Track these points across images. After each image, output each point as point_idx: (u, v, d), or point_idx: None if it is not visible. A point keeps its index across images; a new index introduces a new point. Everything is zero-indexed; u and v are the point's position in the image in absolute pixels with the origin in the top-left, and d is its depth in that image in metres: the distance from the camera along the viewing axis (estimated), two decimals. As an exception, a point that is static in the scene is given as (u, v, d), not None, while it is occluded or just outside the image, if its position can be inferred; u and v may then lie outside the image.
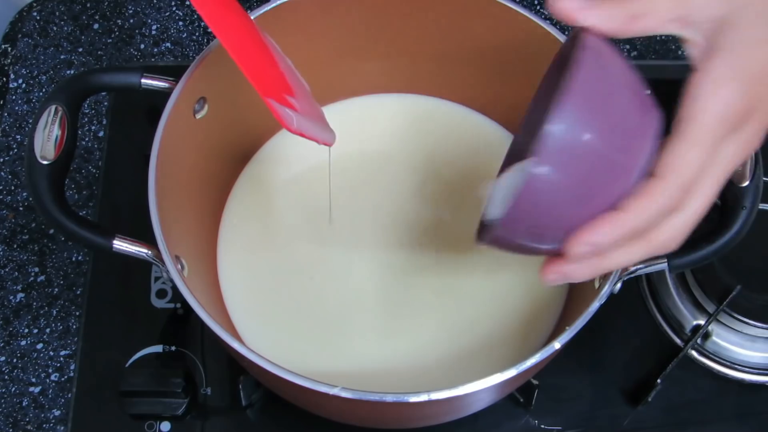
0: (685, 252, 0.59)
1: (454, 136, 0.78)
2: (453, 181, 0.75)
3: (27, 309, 0.76)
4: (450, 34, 0.72)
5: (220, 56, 0.65)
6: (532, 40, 0.67)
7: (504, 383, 0.55)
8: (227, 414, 0.72)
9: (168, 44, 0.89)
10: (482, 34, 0.71)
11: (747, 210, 0.58)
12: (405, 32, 0.73)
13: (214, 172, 0.73)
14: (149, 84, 0.63)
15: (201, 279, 0.68)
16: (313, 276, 0.71)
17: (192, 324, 0.74)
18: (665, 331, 0.75)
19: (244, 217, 0.74)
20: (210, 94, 0.66)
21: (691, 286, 0.74)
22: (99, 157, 0.83)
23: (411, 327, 0.69)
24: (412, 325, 0.69)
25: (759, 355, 0.73)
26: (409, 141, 0.77)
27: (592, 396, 0.73)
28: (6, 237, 0.79)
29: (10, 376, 0.74)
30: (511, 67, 0.72)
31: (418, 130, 0.78)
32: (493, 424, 0.72)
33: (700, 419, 0.73)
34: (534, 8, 0.91)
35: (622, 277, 0.58)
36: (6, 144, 0.84)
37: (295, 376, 0.53)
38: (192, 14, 0.91)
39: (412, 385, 0.66)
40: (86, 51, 0.89)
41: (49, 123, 0.59)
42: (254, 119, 0.75)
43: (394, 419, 0.66)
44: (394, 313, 0.69)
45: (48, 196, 0.58)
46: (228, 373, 0.72)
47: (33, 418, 0.72)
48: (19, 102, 0.86)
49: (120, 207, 0.80)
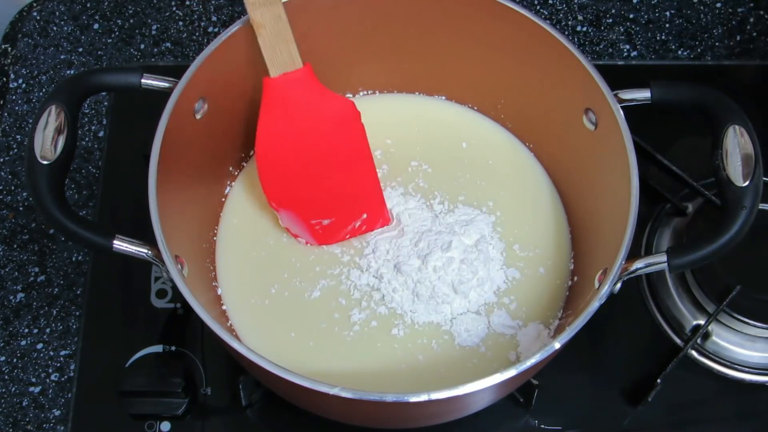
0: (685, 252, 0.59)
1: (453, 135, 0.78)
2: (453, 179, 0.75)
3: (27, 309, 0.76)
4: (450, 34, 0.72)
5: (220, 56, 0.65)
6: (531, 40, 0.67)
7: (504, 383, 0.55)
8: (227, 414, 0.72)
9: (168, 44, 0.89)
10: (482, 34, 0.71)
11: (747, 210, 0.58)
12: (406, 32, 0.73)
13: (214, 172, 0.73)
14: (149, 84, 0.63)
15: (201, 279, 0.68)
16: (312, 275, 0.71)
17: (192, 324, 0.74)
18: (665, 331, 0.75)
19: (243, 217, 0.74)
20: (210, 94, 0.66)
21: (691, 286, 0.74)
22: (99, 157, 0.83)
23: (411, 326, 0.69)
24: (412, 324, 0.69)
25: (759, 355, 0.73)
26: (409, 140, 0.77)
27: (592, 396, 0.73)
28: (6, 237, 0.79)
29: (10, 376, 0.74)
30: (511, 67, 0.72)
31: (418, 129, 0.78)
32: (493, 424, 0.72)
33: (700, 419, 0.73)
34: (534, 8, 0.92)
35: (622, 277, 0.58)
36: (6, 144, 0.84)
37: (295, 376, 0.53)
38: (192, 14, 0.91)
39: (412, 385, 0.66)
40: (86, 51, 0.89)
41: (49, 123, 0.59)
42: (254, 119, 0.75)
43: (394, 419, 0.66)
44: (394, 312, 0.69)
45: (48, 196, 0.58)
46: (228, 373, 0.72)
47: (33, 418, 0.72)
48: (19, 102, 0.86)
49: (120, 207, 0.80)
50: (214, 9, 0.91)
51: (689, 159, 0.78)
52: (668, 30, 0.91)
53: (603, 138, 0.65)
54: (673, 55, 0.89)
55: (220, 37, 0.65)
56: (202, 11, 0.91)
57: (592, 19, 0.91)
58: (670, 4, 0.92)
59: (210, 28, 0.90)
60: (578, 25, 0.91)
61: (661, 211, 0.79)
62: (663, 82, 0.64)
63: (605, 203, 0.66)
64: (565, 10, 0.92)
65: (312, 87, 0.66)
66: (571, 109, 0.68)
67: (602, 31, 0.90)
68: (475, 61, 0.74)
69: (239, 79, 0.69)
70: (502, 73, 0.73)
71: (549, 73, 0.69)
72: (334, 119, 0.68)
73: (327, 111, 0.67)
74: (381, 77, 0.79)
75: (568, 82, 0.67)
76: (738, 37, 0.90)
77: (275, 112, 0.66)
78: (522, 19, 0.66)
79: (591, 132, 0.67)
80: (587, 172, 0.71)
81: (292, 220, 0.71)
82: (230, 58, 0.66)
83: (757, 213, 0.59)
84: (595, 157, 0.68)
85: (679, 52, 0.89)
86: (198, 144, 0.68)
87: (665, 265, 0.59)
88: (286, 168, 0.68)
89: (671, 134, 0.83)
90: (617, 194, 0.62)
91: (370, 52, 0.75)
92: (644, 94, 0.64)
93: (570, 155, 0.73)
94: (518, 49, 0.70)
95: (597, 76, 0.64)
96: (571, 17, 0.91)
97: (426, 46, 0.74)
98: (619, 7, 0.92)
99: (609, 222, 0.64)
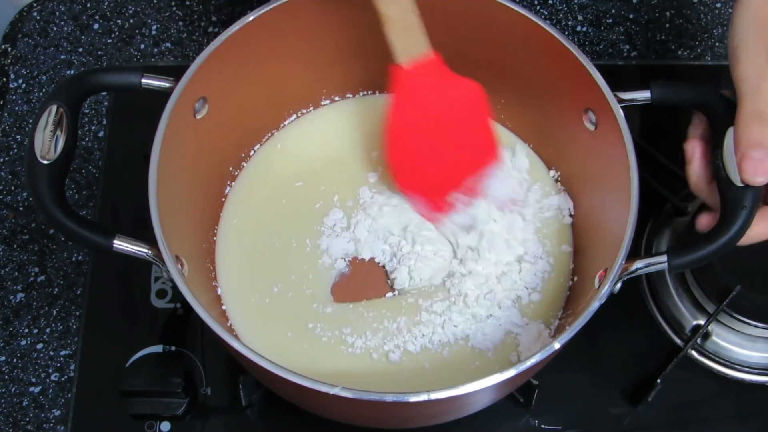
0: (686, 252, 0.59)
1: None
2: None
3: (27, 309, 0.76)
4: (449, 34, 0.72)
5: (220, 56, 0.65)
6: (531, 40, 0.67)
7: (504, 383, 0.55)
8: (227, 414, 0.72)
9: (168, 44, 0.89)
10: (482, 34, 0.71)
11: (747, 210, 0.58)
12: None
13: (214, 172, 0.73)
14: (149, 84, 0.63)
15: (201, 279, 0.68)
16: (312, 275, 0.71)
17: (192, 324, 0.74)
18: (665, 331, 0.75)
19: (243, 217, 0.74)
20: (210, 94, 0.66)
21: (691, 286, 0.74)
22: (99, 157, 0.83)
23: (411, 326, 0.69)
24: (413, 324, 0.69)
25: (759, 355, 0.73)
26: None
27: (592, 396, 0.73)
28: (6, 237, 0.79)
29: (10, 376, 0.74)
30: (511, 67, 0.72)
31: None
32: (493, 424, 0.72)
33: (700, 419, 0.73)
34: (534, 8, 0.92)
35: (623, 277, 0.58)
36: (6, 144, 0.84)
37: (295, 376, 0.53)
38: (192, 14, 0.91)
39: (412, 385, 0.66)
40: (86, 51, 0.89)
41: (49, 123, 0.59)
42: (254, 119, 0.75)
43: (394, 419, 0.66)
44: (394, 311, 0.69)
45: (48, 196, 0.58)
46: (228, 373, 0.72)
47: (33, 418, 0.72)
48: (19, 102, 0.86)
49: (120, 207, 0.80)
50: (214, 9, 0.91)
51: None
52: (668, 30, 0.91)
53: (603, 138, 0.65)
54: (673, 55, 0.89)
55: (220, 37, 0.65)
56: (202, 11, 0.91)
57: (592, 19, 0.91)
58: (670, 4, 0.92)
59: (210, 28, 0.90)
60: (578, 25, 0.91)
61: (661, 211, 0.79)
62: (663, 82, 0.64)
63: (605, 203, 0.66)
64: (565, 10, 0.92)
65: (441, 74, 0.66)
66: (571, 109, 0.68)
67: (602, 31, 0.90)
68: (474, 61, 0.74)
69: (239, 79, 0.69)
70: (502, 73, 0.73)
71: (549, 73, 0.69)
72: (463, 103, 0.68)
73: (456, 96, 0.68)
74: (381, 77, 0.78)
75: (568, 82, 0.67)
76: (738, 37, 0.90)
77: (406, 101, 0.66)
78: (522, 19, 0.66)
79: (591, 132, 0.67)
80: (587, 172, 0.71)
81: (420, 201, 0.71)
82: (230, 58, 0.66)
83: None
84: (595, 157, 0.68)
85: (679, 52, 0.89)
86: (198, 144, 0.68)
87: (665, 265, 0.59)
88: (416, 155, 0.69)
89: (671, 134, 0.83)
90: (617, 194, 0.62)
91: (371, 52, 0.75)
92: (644, 94, 0.64)
93: (570, 155, 0.73)
94: (518, 49, 0.70)
95: (597, 76, 0.64)
96: (571, 17, 0.91)
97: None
98: (619, 7, 0.92)
99: (609, 222, 0.64)
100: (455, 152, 0.70)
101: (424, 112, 0.67)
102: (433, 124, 0.68)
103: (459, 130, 0.69)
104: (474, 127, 0.70)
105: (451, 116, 0.68)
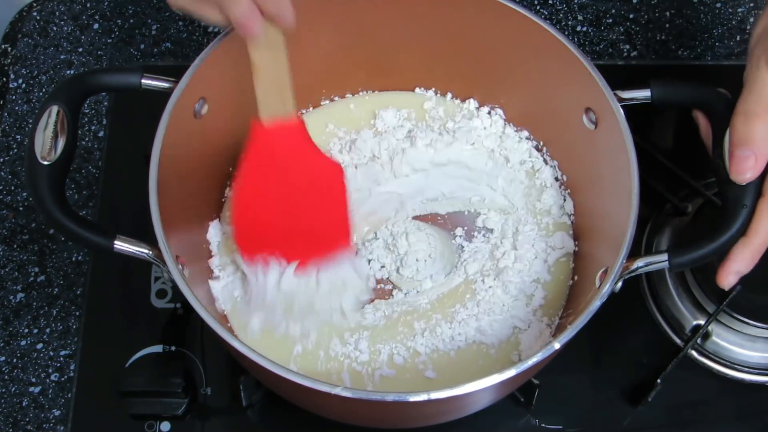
0: (686, 251, 0.59)
1: (452, 132, 0.78)
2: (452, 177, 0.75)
3: (27, 309, 0.76)
4: (450, 34, 0.72)
5: (220, 56, 0.65)
6: (532, 40, 0.67)
7: (504, 383, 0.55)
8: (227, 414, 0.72)
9: (168, 44, 0.89)
10: (483, 34, 0.71)
11: (747, 209, 0.58)
12: (405, 31, 0.73)
13: (214, 172, 0.73)
14: (149, 84, 0.63)
15: (201, 279, 0.68)
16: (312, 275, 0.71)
17: (192, 324, 0.74)
18: (665, 331, 0.75)
19: (244, 217, 0.74)
20: (210, 94, 0.66)
21: (691, 286, 0.74)
22: (99, 157, 0.83)
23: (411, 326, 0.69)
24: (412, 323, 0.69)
25: (759, 355, 0.73)
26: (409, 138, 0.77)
27: (592, 396, 0.73)
28: (6, 237, 0.79)
29: (10, 376, 0.74)
30: (512, 67, 0.72)
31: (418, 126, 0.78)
32: (494, 424, 0.72)
33: (700, 419, 0.73)
34: (534, 8, 0.92)
35: (623, 276, 0.58)
36: (6, 144, 0.84)
37: (296, 376, 0.53)
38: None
39: (412, 385, 0.66)
40: (86, 51, 0.89)
41: (50, 123, 0.59)
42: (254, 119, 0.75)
43: (394, 419, 0.65)
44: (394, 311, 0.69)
45: (48, 196, 0.58)
46: (228, 373, 0.72)
47: (33, 418, 0.72)
48: (19, 102, 0.86)
49: (120, 207, 0.80)
50: (214, 9, 0.91)
51: (689, 159, 0.78)
52: (668, 30, 0.91)
53: (603, 137, 0.65)
54: (673, 55, 0.89)
55: (220, 37, 0.65)
56: (202, 11, 0.91)
57: (592, 19, 0.91)
58: (670, 4, 0.92)
59: (210, 28, 0.90)
60: (578, 25, 0.91)
61: (661, 211, 0.78)
62: (663, 82, 0.64)
63: (606, 202, 0.66)
64: (565, 10, 0.92)
65: (302, 141, 0.64)
66: (571, 109, 0.68)
67: (602, 31, 0.90)
68: (476, 61, 0.74)
69: (239, 79, 0.69)
70: (503, 73, 0.73)
71: (549, 72, 0.69)
72: (321, 180, 0.66)
73: (314, 170, 0.65)
74: (382, 77, 0.79)
75: (568, 81, 0.67)
76: (738, 37, 0.90)
77: (260, 160, 0.64)
78: (522, 19, 0.66)
79: (591, 131, 0.67)
80: (587, 172, 0.71)
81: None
82: (230, 58, 0.66)
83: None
84: (596, 156, 0.68)
85: (679, 52, 0.89)
86: (198, 144, 0.68)
87: (666, 263, 0.59)
88: (263, 219, 0.66)
89: (671, 134, 0.83)
90: (618, 193, 0.62)
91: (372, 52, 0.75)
92: (644, 94, 0.64)
93: (570, 155, 0.73)
94: (518, 49, 0.70)
95: (597, 75, 0.64)
96: (571, 17, 0.91)
97: (426, 47, 0.74)
98: (619, 7, 0.92)
99: (610, 221, 0.64)
100: (304, 227, 0.67)
101: (277, 177, 0.65)
102: (285, 191, 0.65)
103: (312, 206, 0.67)
104: (328, 207, 0.67)
105: (305, 189, 0.66)
